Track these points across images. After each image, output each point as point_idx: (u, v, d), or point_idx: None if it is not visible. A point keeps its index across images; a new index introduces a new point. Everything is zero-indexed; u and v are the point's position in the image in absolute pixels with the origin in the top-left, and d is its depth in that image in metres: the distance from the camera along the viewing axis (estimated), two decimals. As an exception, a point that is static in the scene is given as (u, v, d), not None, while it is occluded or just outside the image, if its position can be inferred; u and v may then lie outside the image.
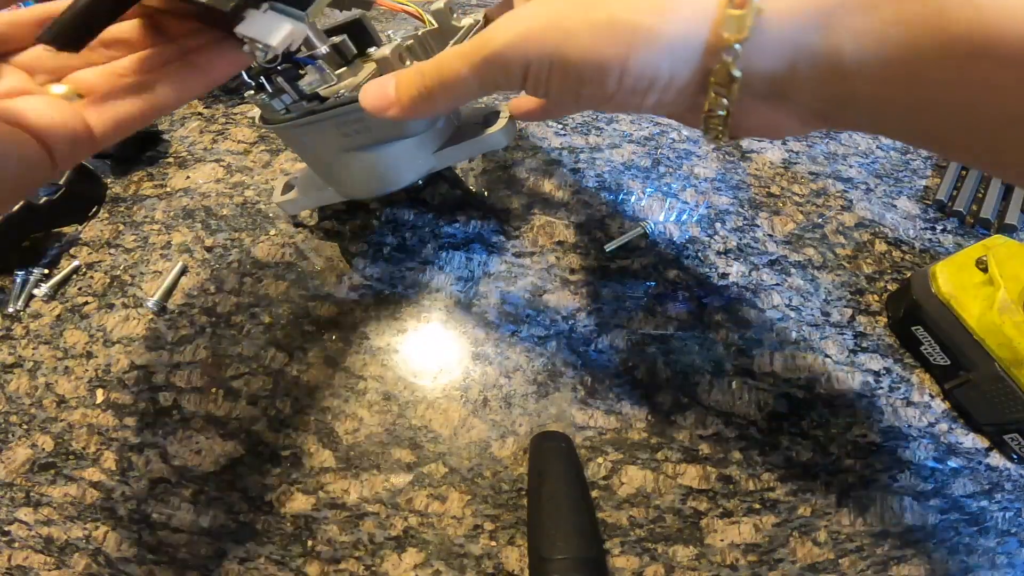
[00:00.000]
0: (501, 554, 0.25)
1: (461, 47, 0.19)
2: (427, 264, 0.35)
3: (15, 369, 0.31)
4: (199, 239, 0.36)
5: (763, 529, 0.26)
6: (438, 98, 0.20)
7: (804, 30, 0.15)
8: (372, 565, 0.25)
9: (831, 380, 0.30)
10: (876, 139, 0.47)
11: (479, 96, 0.21)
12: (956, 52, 0.13)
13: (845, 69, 0.14)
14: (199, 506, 0.26)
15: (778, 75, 0.16)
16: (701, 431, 0.28)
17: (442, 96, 0.20)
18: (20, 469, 0.27)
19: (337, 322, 0.32)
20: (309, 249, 0.36)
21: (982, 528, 0.26)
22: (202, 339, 0.31)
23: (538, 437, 0.27)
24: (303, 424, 0.28)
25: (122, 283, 0.34)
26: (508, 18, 0.18)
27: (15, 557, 0.25)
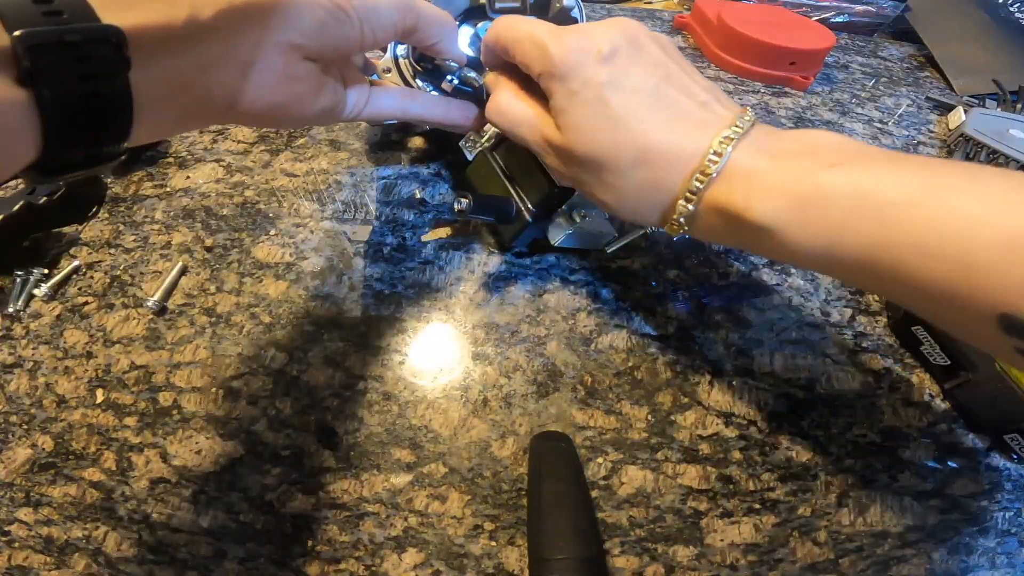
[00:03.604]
0: (501, 554, 0.25)
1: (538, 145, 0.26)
2: (427, 264, 0.35)
3: (15, 369, 0.31)
4: (199, 239, 0.36)
5: (763, 529, 0.26)
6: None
7: (734, 205, 0.21)
8: (372, 565, 0.25)
9: (831, 380, 0.30)
10: (876, 139, 0.47)
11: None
12: (848, 255, 0.18)
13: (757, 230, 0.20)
14: (199, 506, 0.26)
15: (713, 229, 0.23)
16: (701, 431, 0.28)
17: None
18: (20, 469, 0.27)
19: (337, 322, 0.32)
20: (309, 249, 0.36)
21: (982, 528, 0.26)
22: (202, 339, 0.31)
23: (538, 437, 0.27)
24: (303, 424, 0.28)
25: (122, 283, 0.34)
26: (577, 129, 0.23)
27: (15, 557, 0.25)
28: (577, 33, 0.23)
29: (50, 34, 0.14)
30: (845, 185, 0.18)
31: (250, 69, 0.20)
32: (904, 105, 0.52)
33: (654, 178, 0.22)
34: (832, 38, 0.52)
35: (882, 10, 0.63)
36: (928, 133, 0.48)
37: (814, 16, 0.62)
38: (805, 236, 0.19)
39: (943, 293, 0.16)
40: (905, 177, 0.18)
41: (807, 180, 0.19)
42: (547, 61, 0.23)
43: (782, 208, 0.19)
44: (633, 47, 0.23)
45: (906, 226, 0.17)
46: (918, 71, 0.58)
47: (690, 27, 0.61)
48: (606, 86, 0.22)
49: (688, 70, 0.24)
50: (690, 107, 0.22)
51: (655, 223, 0.24)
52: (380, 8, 0.23)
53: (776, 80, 0.53)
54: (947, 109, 0.51)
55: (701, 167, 0.21)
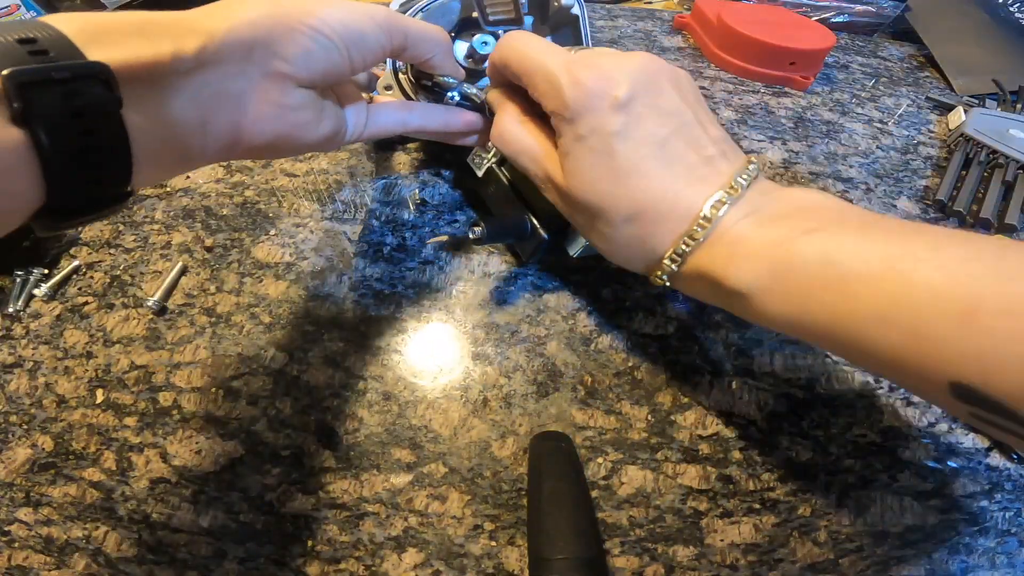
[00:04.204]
0: (501, 554, 0.25)
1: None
2: (427, 264, 0.35)
3: (15, 369, 0.31)
4: (199, 239, 0.36)
5: (763, 529, 0.26)
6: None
7: (713, 267, 0.21)
8: (372, 565, 0.25)
9: (831, 380, 0.30)
10: (876, 139, 0.47)
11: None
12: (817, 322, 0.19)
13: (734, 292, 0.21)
14: (199, 506, 0.26)
15: (693, 287, 0.23)
16: (701, 431, 0.28)
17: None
18: (20, 469, 0.27)
19: (337, 322, 0.32)
20: (309, 249, 0.36)
21: (982, 528, 0.26)
22: (202, 339, 0.31)
23: (538, 437, 0.27)
24: (303, 424, 0.28)
25: (122, 283, 0.34)
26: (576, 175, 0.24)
27: (15, 557, 0.25)
28: (593, 71, 0.22)
29: (38, 72, 0.14)
30: (814, 254, 0.19)
31: (245, 103, 0.20)
32: (904, 105, 0.52)
33: (645, 234, 0.22)
34: (832, 38, 0.52)
35: (882, 10, 0.63)
36: (928, 133, 0.48)
37: (814, 16, 0.62)
38: (776, 303, 0.19)
39: (898, 361, 0.17)
40: (871, 246, 0.18)
41: (782, 248, 0.19)
42: (560, 103, 0.22)
43: (758, 276, 0.20)
44: (651, 93, 0.22)
45: (867, 298, 0.17)
46: (918, 71, 0.58)
47: (690, 27, 0.61)
48: (616, 136, 0.22)
49: (702, 118, 0.23)
50: (694, 163, 0.22)
51: (640, 272, 0.25)
52: (365, 32, 0.22)
53: (776, 80, 0.53)
54: (947, 109, 0.51)
55: (689, 231, 0.21)
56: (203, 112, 0.19)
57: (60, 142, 0.15)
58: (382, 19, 0.23)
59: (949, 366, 0.16)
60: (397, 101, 0.30)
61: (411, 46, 0.25)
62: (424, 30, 0.25)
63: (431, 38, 0.26)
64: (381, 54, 0.24)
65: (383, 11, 0.23)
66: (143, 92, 0.17)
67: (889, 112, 0.51)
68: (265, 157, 0.24)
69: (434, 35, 0.26)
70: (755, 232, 0.21)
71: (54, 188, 0.15)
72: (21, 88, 0.14)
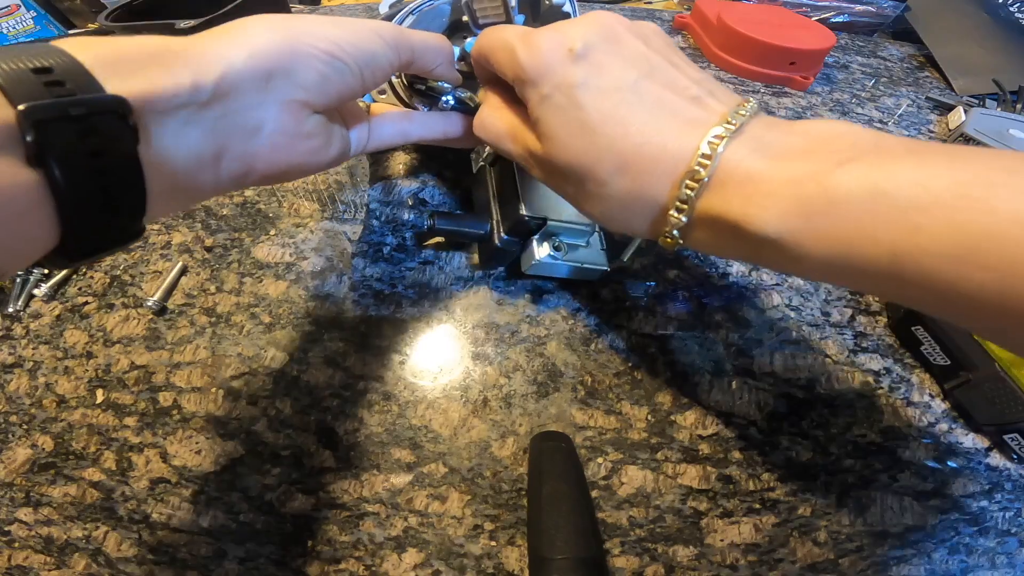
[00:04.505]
0: (501, 554, 0.25)
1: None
2: (427, 264, 0.35)
3: (15, 369, 0.31)
4: (199, 239, 0.36)
5: (763, 529, 0.26)
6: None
7: (730, 210, 0.19)
8: (372, 565, 0.25)
9: (831, 380, 0.30)
10: (876, 139, 0.47)
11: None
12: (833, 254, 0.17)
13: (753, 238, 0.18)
14: (199, 506, 0.26)
15: (711, 241, 0.20)
16: (701, 431, 0.28)
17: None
18: (20, 469, 0.27)
19: (337, 322, 0.32)
20: (309, 249, 0.36)
21: (982, 528, 0.26)
22: (202, 339, 0.31)
23: (538, 437, 0.27)
24: (303, 424, 0.28)
25: (122, 283, 0.34)
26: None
27: (15, 557, 0.25)
28: (548, 31, 0.21)
29: (55, 108, 0.14)
30: (859, 186, 0.16)
31: (261, 133, 0.20)
32: (904, 105, 0.52)
33: (639, 186, 0.20)
34: (832, 38, 0.52)
35: (882, 10, 0.63)
36: (928, 133, 0.48)
37: (814, 16, 0.62)
38: (815, 246, 0.17)
39: (990, 305, 0.15)
40: (932, 173, 0.15)
41: (813, 183, 0.17)
42: (516, 65, 0.22)
43: (786, 216, 0.17)
44: (609, 41, 0.21)
45: (938, 232, 0.15)
46: (918, 71, 0.58)
47: (690, 27, 0.61)
48: (579, 88, 0.20)
49: (676, 61, 0.22)
50: (677, 103, 0.20)
51: (647, 235, 0.22)
52: (375, 51, 0.22)
53: (776, 80, 0.53)
54: (947, 109, 0.51)
55: (690, 172, 0.19)
56: (218, 145, 0.19)
57: (76, 182, 0.14)
58: (390, 37, 0.23)
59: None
60: (397, 112, 0.29)
61: (417, 59, 0.25)
62: (428, 42, 0.25)
63: (435, 49, 0.26)
64: (391, 71, 0.24)
65: (389, 28, 0.23)
66: (159, 124, 0.16)
67: (889, 112, 0.51)
68: (275, 183, 0.24)
69: (438, 45, 0.26)
70: (772, 167, 0.18)
71: (69, 230, 0.15)
72: (37, 126, 0.13)
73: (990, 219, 0.14)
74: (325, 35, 0.21)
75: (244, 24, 0.20)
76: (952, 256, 0.15)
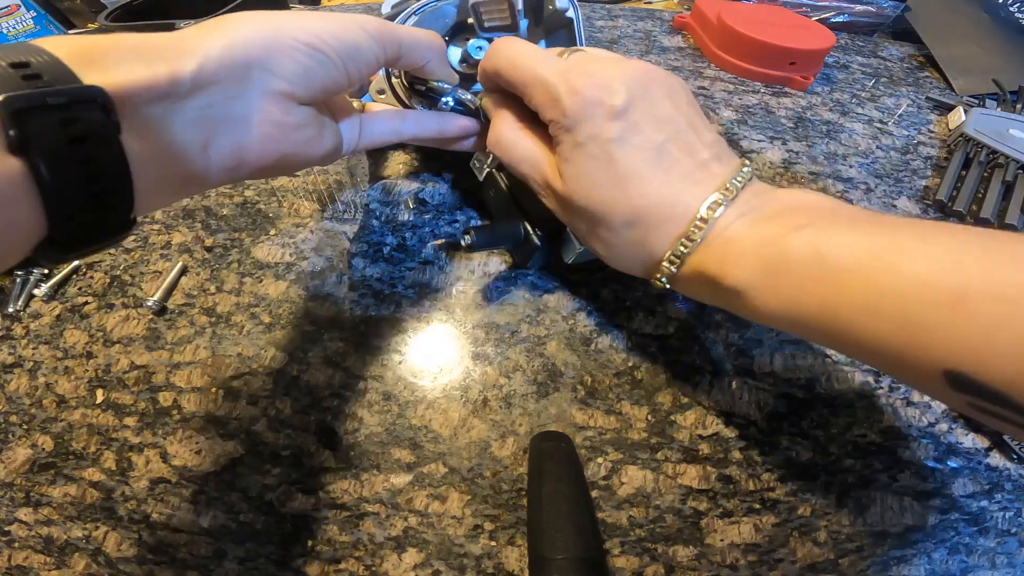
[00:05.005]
0: (501, 554, 0.25)
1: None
2: (427, 264, 0.35)
3: (15, 369, 0.31)
4: (199, 239, 0.36)
5: (763, 529, 0.26)
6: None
7: (710, 266, 0.22)
8: (372, 565, 0.25)
9: (831, 380, 0.30)
10: (876, 139, 0.47)
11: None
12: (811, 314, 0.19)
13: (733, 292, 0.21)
14: (199, 506, 0.26)
15: (692, 288, 0.24)
16: (701, 431, 0.28)
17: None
18: (20, 469, 0.27)
19: (337, 322, 0.32)
20: (309, 249, 0.36)
21: (982, 528, 0.26)
22: (202, 339, 0.31)
23: (538, 437, 0.27)
24: (303, 424, 0.28)
25: (122, 283, 0.34)
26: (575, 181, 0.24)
27: (15, 557, 0.25)
28: (590, 79, 0.22)
29: (33, 97, 0.14)
30: (805, 249, 0.19)
31: (248, 124, 0.20)
32: (904, 105, 0.52)
33: (644, 238, 0.23)
34: (832, 38, 0.52)
35: (882, 10, 0.63)
36: (928, 133, 0.48)
37: (814, 16, 0.62)
38: (771, 299, 0.20)
39: (891, 352, 0.17)
40: (859, 239, 0.18)
41: (774, 245, 0.20)
42: (558, 112, 0.23)
43: (752, 273, 0.20)
44: (646, 100, 0.23)
45: (857, 289, 0.17)
46: (918, 71, 0.58)
47: (690, 27, 0.61)
48: (614, 143, 0.22)
49: (695, 124, 0.24)
50: (689, 168, 0.22)
51: (639, 275, 0.25)
52: (359, 44, 0.22)
53: (776, 80, 0.53)
54: (947, 109, 0.51)
55: (687, 232, 0.22)
56: (204, 135, 0.19)
57: (60, 171, 0.14)
58: (374, 30, 0.23)
59: (941, 355, 0.16)
60: (390, 110, 0.29)
61: (405, 54, 0.25)
62: (416, 37, 0.25)
63: (424, 44, 0.26)
64: (376, 65, 0.24)
65: (374, 21, 0.23)
66: (141, 116, 0.16)
67: (889, 112, 0.51)
68: (270, 176, 0.24)
69: (427, 41, 0.26)
70: (749, 231, 0.21)
71: (56, 219, 0.15)
72: (17, 115, 0.13)
73: (895, 279, 0.17)
74: (306, 27, 0.21)
75: (228, 19, 0.20)
76: (865, 310, 0.17)
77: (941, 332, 0.16)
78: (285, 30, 0.20)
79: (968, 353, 0.15)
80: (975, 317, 0.15)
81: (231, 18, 0.20)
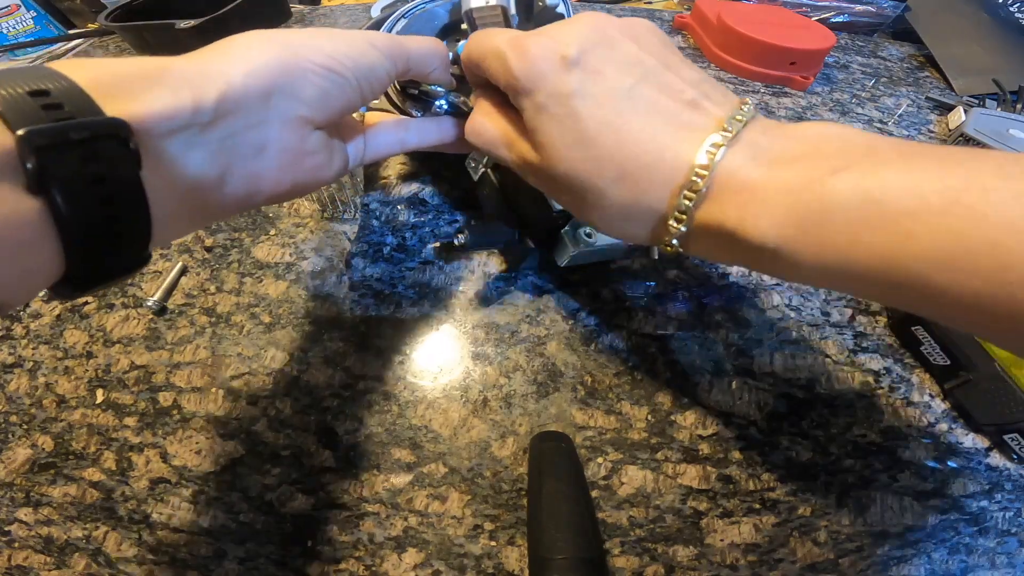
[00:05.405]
0: (501, 554, 0.25)
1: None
2: (427, 264, 0.35)
3: (15, 369, 0.31)
4: (199, 239, 0.36)
5: (763, 529, 0.26)
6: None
7: (727, 219, 0.19)
8: (372, 565, 0.25)
9: (831, 380, 0.30)
10: (876, 139, 0.47)
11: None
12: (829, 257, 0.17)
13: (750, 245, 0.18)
14: (199, 506, 0.26)
15: (709, 249, 0.21)
16: (701, 431, 0.28)
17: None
18: (20, 469, 0.27)
19: (337, 322, 0.32)
20: (309, 249, 0.36)
21: (982, 528, 0.26)
22: (202, 339, 0.31)
23: (538, 437, 0.27)
24: (303, 424, 0.28)
25: (122, 283, 0.34)
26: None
27: (15, 557, 0.25)
28: (540, 37, 0.21)
29: (54, 132, 0.13)
30: (852, 195, 0.16)
31: (266, 153, 0.19)
32: (904, 105, 0.52)
33: (637, 195, 0.20)
34: (832, 38, 0.52)
35: (882, 10, 0.63)
36: (928, 133, 0.48)
37: (814, 16, 0.62)
38: (810, 254, 0.17)
39: (984, 310, 0.15)
40: (922, 178, 0.15)
41: (808, 191, 0.17)
42: (508, 73, 0.21)
43: (782, 225, 0.17)
44: (602, 46, 0.20)
45: (928, 238, 0.15)
46: (918, 71, 0.58)
47: (690, 27, 0.61)
48: (575, 96, 0.20)
49: (671, 61, 0.21)
50: (673, 107, 0.20)
51: (647, 242, 0.22)
52: (373, 63, 0.22)
53: (776, 80, 0.53)
54: (947, 109, 0.51)
55: (687, 183, 0.19)
56: (222, 166, 0.18)
57: (79, 211, 0.14)
58: (385, 47, 0.22)
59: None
60: (392, 121, 0.29)
61: (414, 66, 0.24)
62: (423, 47, 0.25)
63: (431, 54, 0.25)
64: (388, 81, 0.23)
65: (383, 38, 0.23)
66: (161, 148, 0.16)
67: (889, 112, 0.51)
68: (279, 202, 0.23)
69: (433, 50, 0.25)
70: (768, 176, 0.18)
71: (73, 260, 0.14)
72: (37, 152, 0.13)
73: (981, 225, 0.14)
74: (321, 49, 0.20)
75: (241, 40, 0.19)
76: (945, 263, 0.15)
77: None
78: (301, 53, 0.20)
79: None
80: None
81: (243, 39, 0.19)
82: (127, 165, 0.15)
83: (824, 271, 0.17)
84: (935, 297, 0.15)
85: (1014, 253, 0.13)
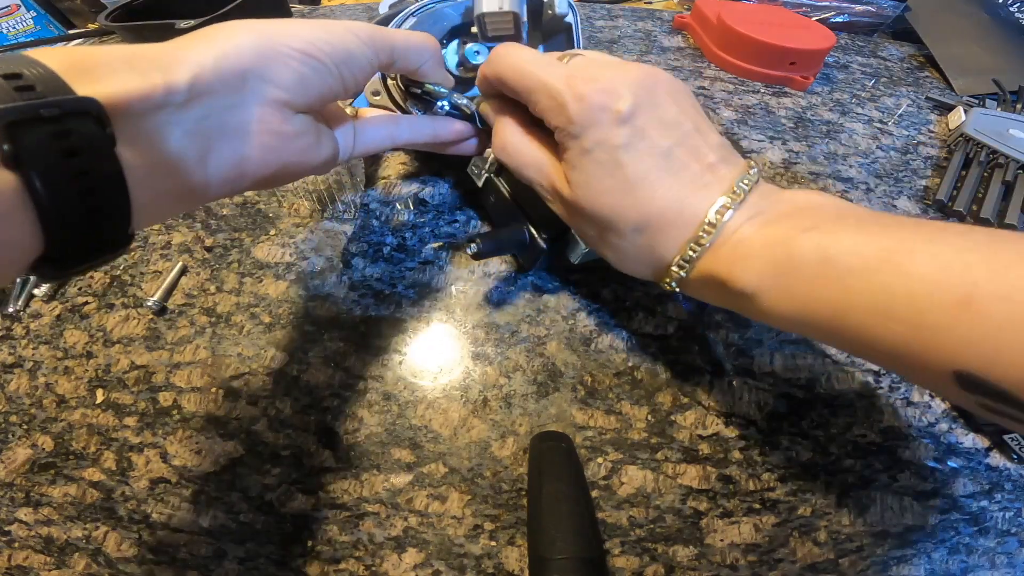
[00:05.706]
0: (501, 554, 0.25)
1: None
2: (427, 264, 0.35)
3: (15, 369, 0.31)
4: (199, 239, 0.36)
5: (763, 529, 0.26)
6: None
7: (718, 272, 0.22)
8: (372, 565, 0.25)
9: (831, 380, 0.30)
10: (876, 139, 0.47)
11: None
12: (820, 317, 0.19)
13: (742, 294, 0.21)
14: (199, 506, 0.26)
15: (701, 291, 0.24)
16: (701, 431, 0.28)
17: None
18: (20, 469, 0.27)
19: (337, 322, 0.32)
20: (309, 249, 0.36)
21: (982, 528, 0.26)
22: (202, 339, 0.31)
23: (538, 437, 0.27)
24: (303, 424, 0.28)
25: (122, 283, 0.34)
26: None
27: (15, 557, 0.25)
28: (596, 86, 0.22)
29: (26, 109, 0.13)
30: (813, 252, 0.19)
31: (247, 134, 0.20)
32: (904, 105, 0.52)
33: (653, 243, 0.23)
34: (832, 38, 0.52)
35: (882, 10, 0.63)
36: (928, 133, 0.48)
37: (814, 16, 0.62)
38: (780, 302, 0.20)
39: (901, 353, 0.17)
40: (866, 240, 0.18)
41: (781, 246, 0.20)
42: (565, 118, 0.22)
43: (761, 275, 0.20)
44: (652, 105, 0.22)
45: (865, 291, 0.17)
46: (918, 71, 0.58)
47: (690, 27, 0.61)
48: (621, 149, 0.22)
49: (701, 127, 0.24)
50: (697, 170, 0.22)
51: (648, 279, 0.25)
52: (352, 50, 0.22)
53: (776, 80, 0.53)
54: (947, 109, 0.51)
55: (696, 237, 0.22)
56: (202, 146, 0.19)
57: (55, 185, 0.14)
58: (366, 36, 0.23)
59: (951, 355, 0.16)
60: (384, 116, 0.29)
61: (398, 58, 0.25)
62: (410, 41, 0.25)
63: (418, 48, 0.25)
64: (371, 71, 0.24)
65: (365, 27, 0.23)
66: (137, 128, 0.16)
67: (889, 112, 0.51)
68: (270, 187, 0.24)
69: (421, 44, 0.26)
70: (757, 233, 0.21)
71: (52, 235, 0.15)
72: (10, 128, 0.13)
73: (903, 280, 0.17)
74: (298, 35, 0.21)
75: (219, 28, 0.20)
76: (875, 312, 0.17)
77: (950, 333, 0.16)
78: (277, 38, 0.20)
79: (977, 354, 0.15)
80: (983, 317, 0.15)
81: (222, 27, 0.20)
82: (100, 141, 0.15)
83: (791, 318, 0.20)
84: (871, 344, 0.18)
85: (927, 304, 0.16)
